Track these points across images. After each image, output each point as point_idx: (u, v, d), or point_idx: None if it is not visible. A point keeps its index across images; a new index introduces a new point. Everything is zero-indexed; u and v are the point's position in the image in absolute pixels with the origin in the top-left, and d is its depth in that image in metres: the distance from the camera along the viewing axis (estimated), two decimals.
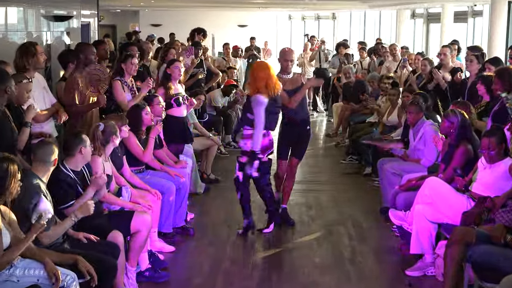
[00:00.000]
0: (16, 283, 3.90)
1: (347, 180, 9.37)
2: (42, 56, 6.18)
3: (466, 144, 6.12)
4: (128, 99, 7.11)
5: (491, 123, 6.21)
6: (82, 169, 5.03)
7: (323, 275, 5.82)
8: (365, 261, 6.18)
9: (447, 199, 5.67)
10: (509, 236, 4.66)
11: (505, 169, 5.33)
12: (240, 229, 6.80)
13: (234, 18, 23.91)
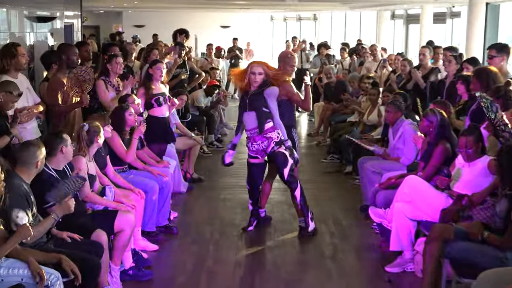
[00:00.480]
0: (0, 282, 3.89)
1: (328, 179, 9.41)
2: (23, 57, 6.16)
3: (444, 142, 6.17)
4: (111, 95, 7.12)
5: (469, 122, 6.26)
6: (64, 168, 5.01)
7: (305, 272, 5.85)
8: (346, 258, 6.22)
9: (426, 197, 5.71)
10: (486, 233, 4.70)
11: (482, 167, 5.38)
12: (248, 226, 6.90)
13: (216, 19, 23.90)
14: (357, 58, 14.47)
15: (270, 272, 5.90)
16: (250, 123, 6.42)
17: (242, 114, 6.47)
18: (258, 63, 6.20)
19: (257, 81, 6.17)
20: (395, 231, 5.82)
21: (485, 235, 4.68)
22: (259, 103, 6.20)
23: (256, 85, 6.25)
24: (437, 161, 6.09)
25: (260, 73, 6.01)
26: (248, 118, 6.43)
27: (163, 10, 22.30)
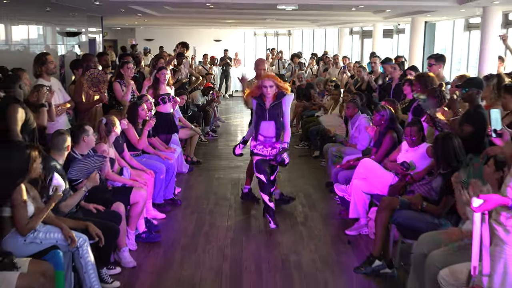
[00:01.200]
0: (39, 244, 3.89)
1: (300, 161, 9.41)
2: (52, 63, 6.12)
3: (392, 132, 6.21)
4: (128, 97, 7.10)
5: (411, 116, 6.29)
6: (88, 152, 5.02)
7: (282, 235, 5.86)
8: (315, 224, 6.24)
9: (377, 175, 5.75)
10: (425, 204, 4.75)
11: (422, 152, 5.42)
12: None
13: (211, 34, 23.80)
14: (322, 65, 14.49)
15: (255, 235, 5.92)
16: (268, 131, 5.82)
17: (260, 122, 5.82)
18: (268, 77, 5.70)
19: (269, 93, 5.66)
20: (353, 202, 5.87)
21: (424, 205, 4.74)
22: (277, 113, 5.67)
23: (269, 97, 5.72)
24: (386, 147, 6.13)
25: (271, 85, 5.56)
26: (267, 127, 5.81)
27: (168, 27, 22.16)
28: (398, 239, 4.89)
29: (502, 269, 2.88)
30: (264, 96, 5.78)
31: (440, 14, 12.68)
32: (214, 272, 4.95)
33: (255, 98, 5.78)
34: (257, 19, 17.71)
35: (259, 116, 5.78)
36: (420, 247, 4.18)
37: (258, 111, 5.74)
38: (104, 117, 5.72)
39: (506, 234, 2.86)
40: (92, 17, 12.90)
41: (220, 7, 12.02)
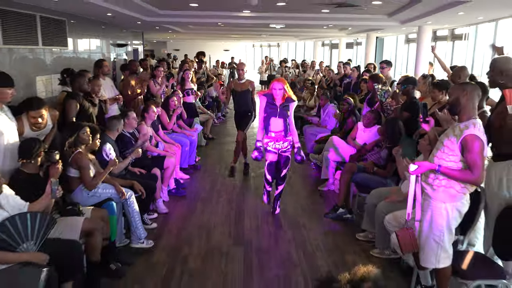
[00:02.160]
0: (98, 197, 3.88)
1: None
2: (106, 67, 6.08)
3: (352, 116, 6.19)
4: (160, 92, 7.17)
5: (366, 105, 6.26)
6: (133, 131, 5.02)
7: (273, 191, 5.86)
8: (296, 182, 6.24)
9: (342, 148, 5.73)
10: (375, 168, 4.75)
11: (374, 131, 5.40)
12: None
13: (221, 45, 23.58)
14: (302, 68, 14.41)
15: (253, 192, 5.92)
16: (277, 127, 4.81)
17: (270, 118, 4.80)
18: (279, 80, 4.78)
19: (278, 94, 4.70)
20: (324, 167, 5.88)
21: (374, 169, 4.73)
22: (285, 113, 4.76)
23: (279, 98, 4.71)
24: (348, 127, 6.11)
25: (280, 88, 4.68)
26: (277, 123, 4.79)
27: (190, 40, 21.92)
28: (356, 193, 4.91)
29: (430, 217, 2.88)
30: (273, 97, 4.80)
31: (387, 31, 12.65)
32: (224, 217, 4.95)
33: (265, 95, 4.81)
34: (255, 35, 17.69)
35: (269, 113, 4.79)
36: (371, 199, 4.20)
37: (268, 109, 4.78)
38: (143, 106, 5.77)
39: (432, 191, 2.85)
40: (136, 33, 12.78)
41: (228, 26, 12.07)
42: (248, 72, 7.26)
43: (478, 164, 2.67)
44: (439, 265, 2.90)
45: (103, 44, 9.59)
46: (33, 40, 6.14)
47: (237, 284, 3.55)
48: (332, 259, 3.96)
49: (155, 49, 22.25)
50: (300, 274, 3.69)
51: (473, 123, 2.74)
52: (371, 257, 3.99)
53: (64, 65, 6.67)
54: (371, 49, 13.47)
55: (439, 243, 2.86)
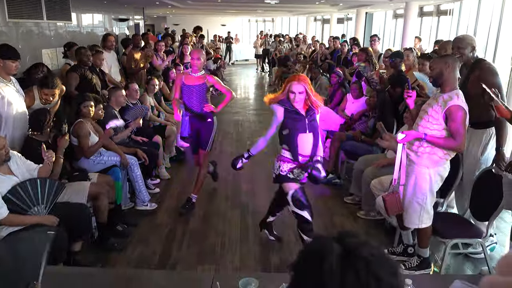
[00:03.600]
0: (104, 164, 3.85)
1: None
2: (110, 41, 5.97)
3: (342, 88, 6.11)
4: (163, 66, 7.03)
5: (355, 78, 6.19)
6: (137, 101, 4.93)
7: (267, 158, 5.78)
8: None
9: (331, 118, 5.68)
10: (362, 136, 4.73)
11: (362, 102, 5.35)
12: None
13: (218, 20, 22.99)
14: (295, 43, 14.19)
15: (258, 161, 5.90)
16: (307, 146, 3.03)
17: (296, 136, 3.00)
18: (300, 80, 2.94)
19: (297, 101, 2.95)
20: None
21: (362, 137, 4.71)
22: (315, 125, 3.07)
23: (300, 107, 2.99)
24: (337, 99, 6.05)
25: (301, 91, 2.93)
26: (307, 141, 3.02)
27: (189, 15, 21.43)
28: (345, 160, 4.91)
29: (414, 182, 2.89)
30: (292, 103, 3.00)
31: (376, 7, 12.42)
32: (222, 182, 4.96)
33: (282, 104, 3.03)
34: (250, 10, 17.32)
35: (295, 128, 3.00)
36: (359, 165, 4.21)
37: (290, 122, 3.00)
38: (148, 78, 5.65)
39: (417, 157, 2.85)
40: (137, 8, 12.47)
41: (226, 1, 11.77)
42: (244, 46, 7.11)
43: (461, 132, 2.67)
44: (422, 225, 2.93)
45: (106, 19, 9.36)
46: (38, 14, 5.96)
47: (234, 243, 3.59)
48: (322, 221, 3.99)
49: (155, 24, 21.77)
50: (292, 235, 3.72)
51: (456, 93, 2.72)
52: (358, 218, 4.04)
53: (68, 39, 6.52)
54: (361, 24, 13.23)
55: (422, 205, 2.88)
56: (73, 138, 3.71)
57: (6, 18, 5.18)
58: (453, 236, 2.94)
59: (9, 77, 3.39)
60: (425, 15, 11.35)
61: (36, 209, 2.78)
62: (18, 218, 2.68)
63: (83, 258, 3.10)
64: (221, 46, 17.35)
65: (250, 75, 16.01)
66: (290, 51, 13.15)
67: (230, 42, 19.02)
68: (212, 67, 11.37)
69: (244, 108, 9.32)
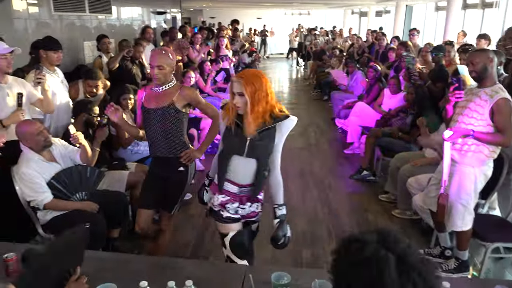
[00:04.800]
0: (141, 154, 3.95)
1: (314, 103, 9.26)
2: (148, 33, 6.13)
3: (379, 83, 5.98)
4: (199, 58, 7.08)
5: (393, 72, 6.04)
6: None
7: (301, 151, 5.85)
8: (323, 145, 6.19)
9: (367, 113, 5.60)
10: (400, 133, 4.61)
11: (400, 98, 5.22)
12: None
13: (254, 13, 22.94)
14: (331, 36, 13.98)
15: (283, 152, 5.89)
16: (244, 174, 2.15)
17: (229, 157, 2.15)
18: (240, 77, 2.01)
19: (240, 106, 2.01)
20: (350, 132, 5.75)
21: (399, 134, 4.60)
22: (263, 147, 2.15)
23: (248, 118, 2.03)
24: (374, 94, 5.93)
25: (241, 94, 1.98)
26: (243, 168, 2.14)
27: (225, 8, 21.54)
28: (380, 157, 4.81)
29: (457, 182, 2.79)
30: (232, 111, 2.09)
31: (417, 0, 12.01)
32: None
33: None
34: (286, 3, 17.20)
35: (227, 146, 2.19)
36: (395, 163, 4.11)
37: (227, 136, 2.18)
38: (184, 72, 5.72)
39: (461, 156, 2.75)
40: (174, 1, 12.64)
41: None
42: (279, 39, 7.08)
43: (509, 126, 2.59)
44: (465, 227, 2.83)
45: (144, 12, 9.54)
46: (81, 7, 6.15)
47: (266, 237, 3.58)
48: (355, 218, 3.94)
49: (191, 17, 22.01)
50: (325, 230, 3.70)
51: (500, 87, 2.64)
52: (393, 217, 3.95)
53: (108, 31, 6.70)
54: (400, 17, 12.87)
55: (466, 207, 2.78)
56: (112, 129, 3.82)
57: (52, 11, 5.38)
58: (494, 240, 2.83)
59: (54, 68, 3.53)
60: (469, 8, 10.87)
61: (77, 195, 2.89)
62: (62, 203, 2.80)
63: (121, 245, 3.20)
64: (256, 39, 17.34)
65: (284, 69, 15.94)
66: (325, 45, 12.99)
67: (265, 35, 19.01)
68: (247, 60, 11.39)
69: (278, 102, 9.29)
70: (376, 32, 9.88)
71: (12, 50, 2.94)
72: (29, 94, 3.12)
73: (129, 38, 6.19)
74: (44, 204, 2.73)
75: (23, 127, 2.74)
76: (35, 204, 2.74)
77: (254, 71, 2.13)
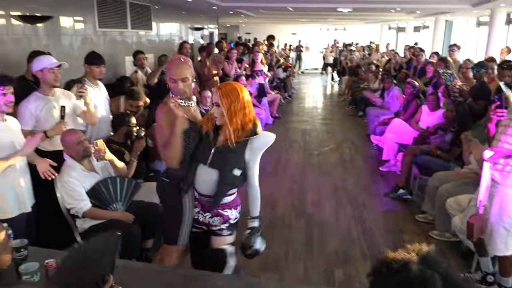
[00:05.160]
0: None
1: (349, 119, 9.14)
2: (185, 49, 6.28)
3: (416, 100, 5.86)
4: (233, 72, 7.21)
5: (431, 89, 5.90)
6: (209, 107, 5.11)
7: (335, 168, 5.76)
8: (358, 162, 6.08)
9: (404, 130, 5.47)
10: (438, 152, 4.47)
11: (439, 115, 5.08)
12: None
13: (289, 29, 23.11)
14: (368, 51, 13.85)
15: (315, 166, 5.84)
16: (204, 184, 2.16)
17: (196, 165, 2.17)
18: (218, 88, 2.11)
19: (216, 117, 2.09)
20: (386, 148, 5.64)
21: (438, 152, 4.46)
22: (229, 160, 2.10)
23: (224, 132, 2.10)
24: (412, 111, 5.80)
25: (217, 104, 2.07)
26: (206, 178, 2.14)
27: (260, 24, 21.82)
28: (417, 175, 4.67)
29: (499, 204, 2.67)
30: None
31: (457, 14, 11.72)
32: (288, 191, 4.95)
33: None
34: (322, 19, 17.19)
35: (196, 153, 2.19)
36: (433, 182, 3.98)
37: (197, 146, 2.21)
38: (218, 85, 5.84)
39: (502, 177, 2.63)
40: (211, 17, 12.93)
41: (297, 10, 11.81)
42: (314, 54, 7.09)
43: None
44: (508, 252, 2.69)
45: (182, 28, 9.81)
46: (124, 24, 6.42)
47: (298, 254, 3.56)
48: (391, 238, 3.83)
49: (228, 33, 22.43)
50: (358, 250, 3.61)
51: None
52: (430, 238, 3.80)
53: (148, 47, 6.94)
54: (439, 32, 12.59)
55: (509, 230, 2.65)
56: (149, 141, 3.91)
57: (96, 28, 5.65)
58: None
59: (96, 81, 3.68)
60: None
61: (114, 205, 2.97)
62: (99, 212, 2.89)
63: (154, 255, 3.25)
64: (291, 54, 17.44)
65: (318, 84, 15.89)
66: (361, 60, 12.87)
67: (300, 51, 19.08)
68: (281, 75, 11.45)
69: (312, 117, 9.26)
70: (414, 48, 9.72)
71: (60, 65, 3.09)
72: (74, 106, 3.26)
73: (168, 53, 6.38)
74: (83, 212, 2.82)
75: (66, 136, 2.89)
76: (75, 211, 2.84)
77: (233, 83, 2.18)
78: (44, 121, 3.04)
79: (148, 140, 3.90)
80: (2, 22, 4.08)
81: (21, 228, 2.58)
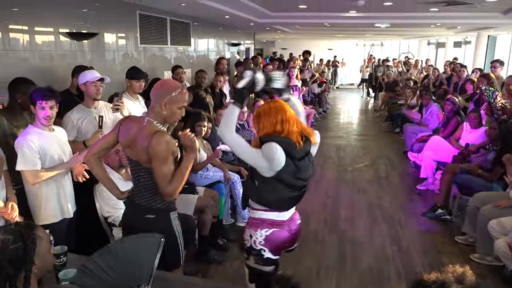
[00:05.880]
0: (210, 179, 4.06)
1: (385, 135, 8.95)
2: (222, 64, 6.37)
3: (457, 117, 5.67)
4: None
5: (473, 105, 5.70)
6: (244, 123, 5.15)
7: (370, 185, 5.64)
8: (394, 179, 5.92)
9: (443, 148, 5.29)
10: (480, 171, 4.29)
11: (480, 133, 4.89)
12: None
13: (325, 44, 23.06)
14: (405, 67, 13.57)
15: (350, 184, 5.74)
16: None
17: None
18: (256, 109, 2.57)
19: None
20: (423, 166, 5.46)
21: (479, 172, 4.28)
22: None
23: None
24: (452, 128, 5.61)
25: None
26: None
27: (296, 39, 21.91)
28: (457, 195, 4.49)
29: None
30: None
31: (501, 30, 11.29)
32: (321, 206, 4.88)
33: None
34: (359, 34, 17.04)
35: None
36: (474, 202, 3.81)
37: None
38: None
39: None
40: (248, 33, 13.14)
41: (334, 26, 11.79)
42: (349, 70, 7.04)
43: None
44: None
45: (219, 43, 10.02)
46: (164, 40, 6.64)
47: (331, 271, 3.49)
48: (427, 259, 3.68)
49: (264, 48, 22.68)
50: (393, 270, 3.49)
51: None
52: (471, 261, 3.62)
53: (186, 62, 7.12)
54: (481, 48, 12.17)
55: None
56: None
57: (138, 44, 5.87)
58: None
59: (136, 95, 3.81)
60: None
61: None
62: None
63: (186, 267, 3.28)
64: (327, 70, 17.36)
65: (354, 100, 15.70)
66: (399, 76, 12.63)
67: (336, 66, 18.99)
68: (316, 90, 11.41)
69: (347, 133, 9.14)
70: (454, 63, 9.45)
71: (102, 78, 3.22)
72: (115, 118, 3.38)
73: (205, 68, 6.53)
74: (119, 221, 2.89)
75: None
76: (112, 220, 2.92)
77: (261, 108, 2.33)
78: (85, 132, 3.15)
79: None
80: (51, 39, 4.32)
81: (62, 233, 2.68)
